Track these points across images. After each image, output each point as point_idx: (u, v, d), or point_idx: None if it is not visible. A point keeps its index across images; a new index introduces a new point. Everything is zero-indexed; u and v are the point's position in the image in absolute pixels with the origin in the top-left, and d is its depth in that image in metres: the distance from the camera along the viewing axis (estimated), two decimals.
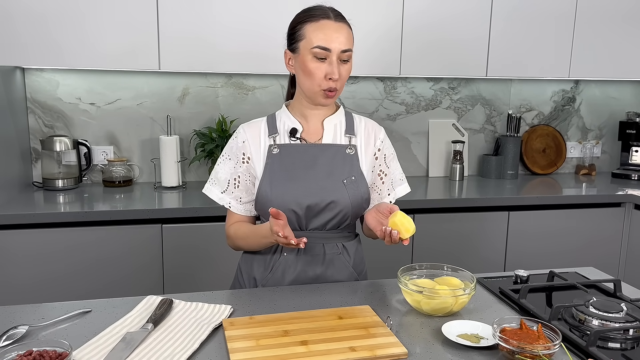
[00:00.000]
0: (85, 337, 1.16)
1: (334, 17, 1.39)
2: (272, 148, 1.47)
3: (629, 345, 1.19)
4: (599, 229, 2.77)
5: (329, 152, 1.47)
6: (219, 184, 1.53)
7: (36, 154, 2.65)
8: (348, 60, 1.41)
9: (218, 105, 2.81)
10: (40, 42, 2.26)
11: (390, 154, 1.56)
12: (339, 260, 1.52)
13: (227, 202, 1.52)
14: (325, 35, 1.37)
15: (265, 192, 1.45)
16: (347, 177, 1.46)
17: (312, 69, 1.39)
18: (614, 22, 2.83)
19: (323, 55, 1.37)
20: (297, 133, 1.48)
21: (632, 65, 2.91)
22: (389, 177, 1.55)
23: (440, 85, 3.07)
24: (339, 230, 1.51)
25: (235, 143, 1.51)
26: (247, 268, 1.58)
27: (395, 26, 2.58)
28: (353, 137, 1.51)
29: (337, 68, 1.38)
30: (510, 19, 2.71)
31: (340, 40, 1.38)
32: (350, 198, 1.46)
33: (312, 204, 1.44)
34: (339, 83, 1.41)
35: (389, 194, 1.55)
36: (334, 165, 1.46)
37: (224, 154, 1.54)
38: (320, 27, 1.37)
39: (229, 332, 1.19)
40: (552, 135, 3.25)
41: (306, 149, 1.47)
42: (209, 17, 2.39)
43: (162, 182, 2.65)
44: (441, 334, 1.21)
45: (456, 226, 2.61)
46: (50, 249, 2.20)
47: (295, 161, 1.46)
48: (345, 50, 1.39)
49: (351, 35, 1.42)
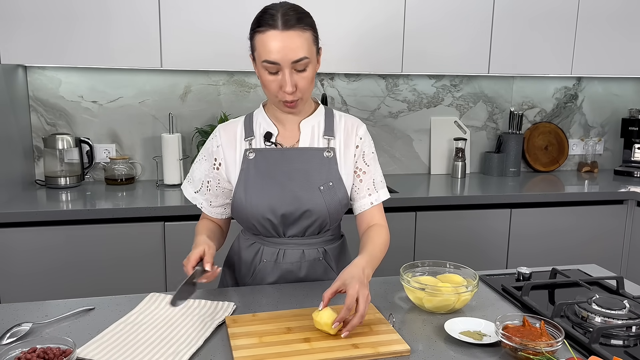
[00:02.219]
0: (88, 334, 1.16)
1: (282, 26, 1.26)
2: (248, 153, 1.42)
3: (632, 342, 1.19)
4: (601, 226, 2.76)
5: (305, 156, 1.41)
6: (193, 183, 1.51)
7: (38, 152, 2.66)
8: (305, 68, 1.30)
9: (220, 103, 2.81)
10: (43, 41, 2.26)
11: (370, 152, 1.48)
12: (320, 264, 1.49)
13: (200, 203, 1.50)
14: (272, 48, 1.26)
15: (240, 199, 1.41)
16: (324, 184, 1.40)
17: (265, 82, 1.32)
18: (616, 20, 2.82)
19: (273, 69, 1.28)
20: (272, 137, 1.42)
21: (634, 63, 2.90)
22: (368, 176, 1.47)
23: (442, 82, 3.07)
24: (320, 235, 1.47)
25: (211, 145, 1.46)
26: (230, 271, 1.58)
27: (397, 23, 2.58)
28: (332, 139, 1.44)
29: (291, 79, 1.28)
30: (512, 16, 2.70)
31: (289, 51, 1.26)
32: (327, 205, 1.41)
33: (287, 212, 1.40)
34: (297, 93, 1.32)
35: (370, 194, 1.47)
36: (311, 171, 1.41)
37: (201, 153, 1.50)
38: (267, 39, 1.26)
39: (232, 329, 1.20)
40: (554, 133, 3.25)
41: (282, 153, 1.41)
42: (210, 14, 2.39)
43: (164, 179, 2.66)
44: (444, 331, 1.21)
45: (458, 223, 2.60)
46: (53, 247, 2.20)
47: (270, 167, 1.40)
48: (298, 60, 1.27)
49: (307, 39, 1.28)
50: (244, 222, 1.46)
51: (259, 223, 1.42)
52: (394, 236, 2.36)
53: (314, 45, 1.32)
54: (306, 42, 1.28)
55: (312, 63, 1.32)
